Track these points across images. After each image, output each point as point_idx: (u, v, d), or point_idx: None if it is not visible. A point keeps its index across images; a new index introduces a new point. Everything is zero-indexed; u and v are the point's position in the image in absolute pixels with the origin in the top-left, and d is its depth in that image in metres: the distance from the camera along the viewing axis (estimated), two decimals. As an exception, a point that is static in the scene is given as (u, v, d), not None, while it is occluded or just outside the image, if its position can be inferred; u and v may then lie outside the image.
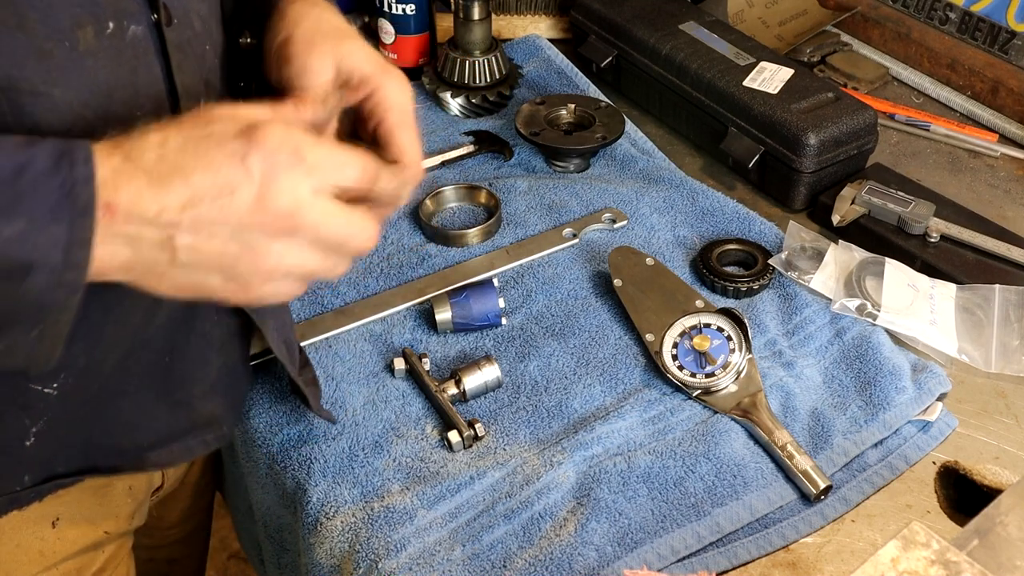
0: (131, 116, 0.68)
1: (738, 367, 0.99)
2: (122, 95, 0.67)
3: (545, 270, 1.14)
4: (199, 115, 0.61)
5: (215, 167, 0.59)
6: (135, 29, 0.66)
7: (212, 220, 0.59)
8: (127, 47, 0.66)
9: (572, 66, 1.48)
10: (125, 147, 0.59)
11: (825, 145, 1.21)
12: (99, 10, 0.64)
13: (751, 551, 0.87)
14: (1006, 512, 0.74)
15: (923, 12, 1.50)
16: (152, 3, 0.68)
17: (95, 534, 0.90)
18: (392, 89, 0.74)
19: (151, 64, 0.69)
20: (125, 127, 0.63)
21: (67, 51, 0.62)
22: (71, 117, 0.64)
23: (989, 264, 1.13)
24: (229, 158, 0.59)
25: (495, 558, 0.85)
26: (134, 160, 0.58)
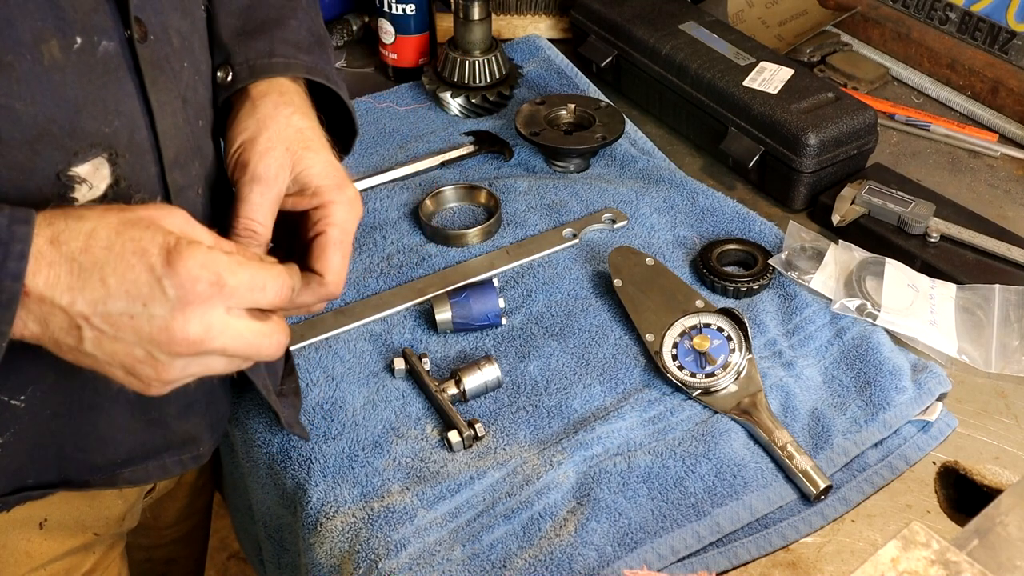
0: (101, 132, 0.68)
1: (738, 367, 0.99)
2: (92, 111, 0.67)
3: (545, 270, 1.14)
4: (136, 212, 0.63)
5: (132, 277, 0.61)
6: (107, 45, 0.66)
7: (119, 326, 0.61)
8: (98, 63, 0.66)
9: (572, 66, 1.48)
10: (57, 226, 0.60)
11: (825, 145, 1.21)
12: (64, 25, 0.63)
13: (751, 551, 0.87)
14: (1006, 512, 0.74)
15: (923, 12, 1.50)
16: (125, 19, 0.67)
17: (84, 536, 0.90)
18: (340, 208, 0.76)
19: (123, 80, 0.68)
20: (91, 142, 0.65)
21: (30, 65, 0.62)
22: (36, 131, 0.64)
23: (989, 264, 1.13)
24: (147, 273, 0.61)
25: (495, 558, 0.85)
26: (60, 245, 0.60)
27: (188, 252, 0.61)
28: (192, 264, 0.61)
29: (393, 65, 1.49)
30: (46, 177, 0.66)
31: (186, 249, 0.61)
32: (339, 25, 1.59)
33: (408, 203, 1.24)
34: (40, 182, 0.66)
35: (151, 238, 0.61)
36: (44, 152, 0.65)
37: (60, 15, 0.63)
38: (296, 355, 1.03)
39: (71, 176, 0.67)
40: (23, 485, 0.80)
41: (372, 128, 1.38)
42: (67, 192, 0.67)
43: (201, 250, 0.62)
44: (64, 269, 0.60)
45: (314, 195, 0.76)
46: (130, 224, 0.62)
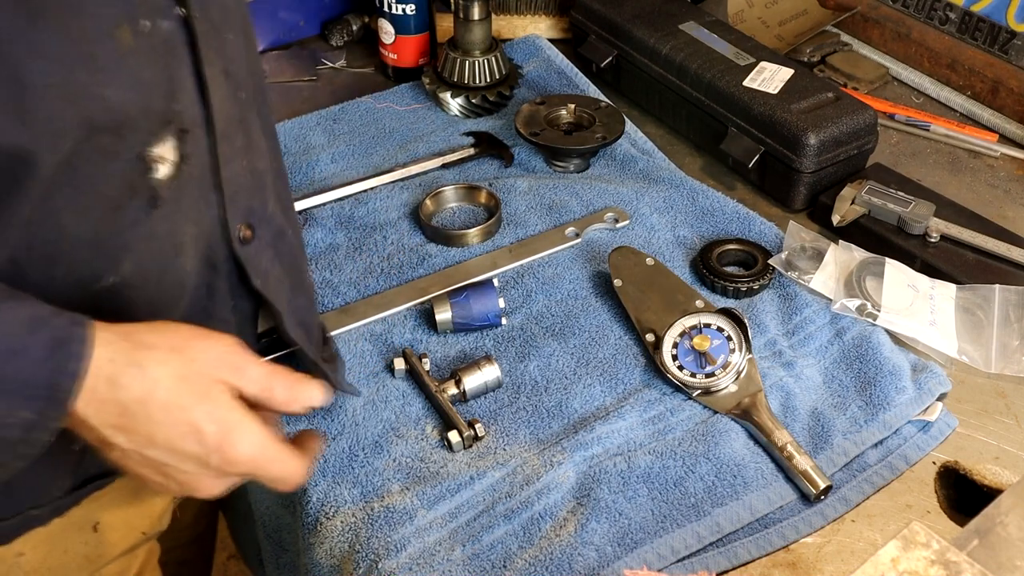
0: (172, 111, 0.70)
1: (738, 367, 0.99)
2: (161, 91, 0.69)
3: (545, 270, 1.14)
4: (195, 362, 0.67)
5: (181, 445, 0.66)
6: (166, 25, 0.68)
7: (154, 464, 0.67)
8: (161, 43, 0.68)
9: (572, 66, 1.48)
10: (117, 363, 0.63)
11: (825, 145, 1.21)
12: (132, 9, 0.65)
13: (751, 551, 0.87)
14: (1006, 512, 0.74)
15: (923, 12, 1.50)
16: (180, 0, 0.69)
17: (133, 536, 0.91)
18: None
19: (182, 58, 0.70)
20: (165, 121, 0.68)
21: (111, 52, 0.64)
22: (121, 116, 0.66)
23: (989, 264, 1.13)
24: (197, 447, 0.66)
25: (495, 558, 0.85)
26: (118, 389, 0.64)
27: (240, 439, 0.67)
28: (240, 451, 0.67)
29: (393, 65, 1.49)
30: (129, 160, 0.68)
31: (239, 436, 0.67)
32: (339, 25, 1.59)
33: (408, 203, 1.24)
34: (124, 165, 0.68)
35: (208, 414, 0.66)
36: (128, 135, 0.67)
37: (129, 1, 0.65)
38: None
39: (152, 155, 0.69)
40: (88, 476, 0.82)
41: (372, 128, 1.38)
42: (148, 172, 0.69)
43: (252, 438, 0.67)
44: (116, 411, 0.64)
45: None
46: (189, 385, 0.66)
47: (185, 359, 0.66)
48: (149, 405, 0.64)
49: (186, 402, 0.65)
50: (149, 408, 0.64)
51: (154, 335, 0.66)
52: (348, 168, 1.31)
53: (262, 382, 0.69)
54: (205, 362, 0.67)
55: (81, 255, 0.69)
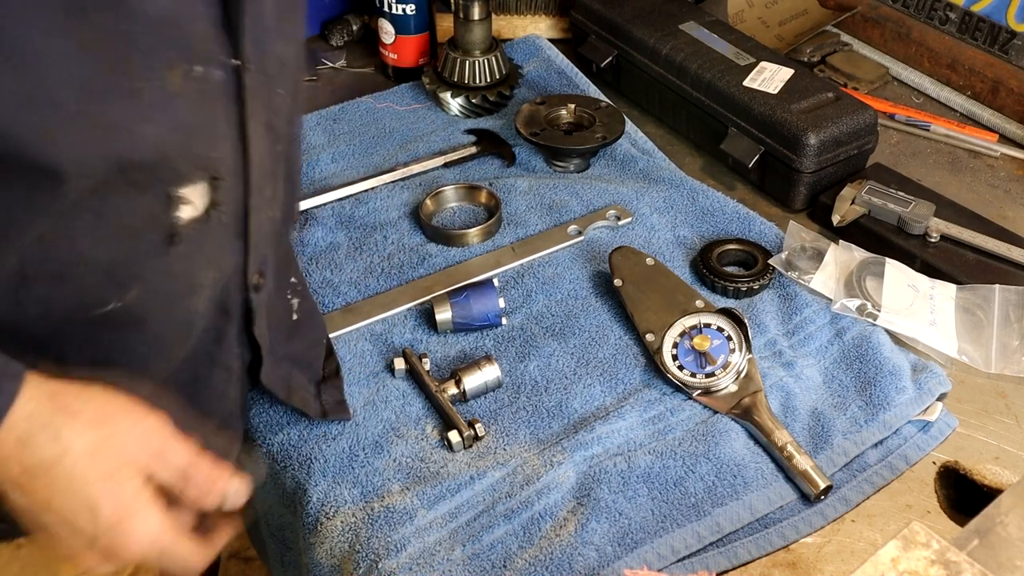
0: (208, 157, 0.70)
1: (738, 367, 0.99)
2: (202, 136, 0.69)
3: (545, 270, 1.14)
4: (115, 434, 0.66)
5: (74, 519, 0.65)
6: (218, 73, 0.68)
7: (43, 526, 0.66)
8: (209, 90, 0.68)
9: (572, 66, 1.48)
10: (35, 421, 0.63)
11: (825, 145, 1.21)
12: (190, 54, 0.66)
13: (751, 551, 0.87)
14: (1006, 512, 0.74)
15: (923, 12, 1.50)
16: (234, 50, 0.69)
17: None
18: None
19: (228, 108, 0.71)
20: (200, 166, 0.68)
21: (157, 91, 0.64)
22: (158, 154, 0.66)
23: (989, 264, 1.13)
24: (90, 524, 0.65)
25: (495, 558, 0.85)
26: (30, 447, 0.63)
27: (134, 528, 0.66)
28: (131, 540, 0.66)
29: (393, 65, 1.49)
30: (157, 196, 0.68)
31: (134, 526, 0.66)
32: (339, 25, 1.59)
33: (408, 203, 1.24)
34: (151, 201, 0.68)
35: (108, 495, 0.65)
36: (161, 174, 0.67)
37: (187, 44, 0.65)
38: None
39: (179, 196, 0.69)
40: None
41: (372, 128, 1.38)
42: (172, 211, 0.69)
43: (148, 528, 0.66)
44: (18, 469, 0.63)
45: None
46: (99, 461, 0.64)
47: (104, 434, 0.65)
48: (53, 472, 0.63)
49: (91, 477, 0.64)
50: (52, 475, 0.63)
51: (82, 401, 0.65)
52: (348, 168, 1.31)
53: (179, 472, 0.69)
54: (124, 440, 0.66)
55: (90, 278, 0.69)
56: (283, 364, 0.92)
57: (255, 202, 0.77)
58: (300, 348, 0.96)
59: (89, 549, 0.66)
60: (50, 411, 0.63)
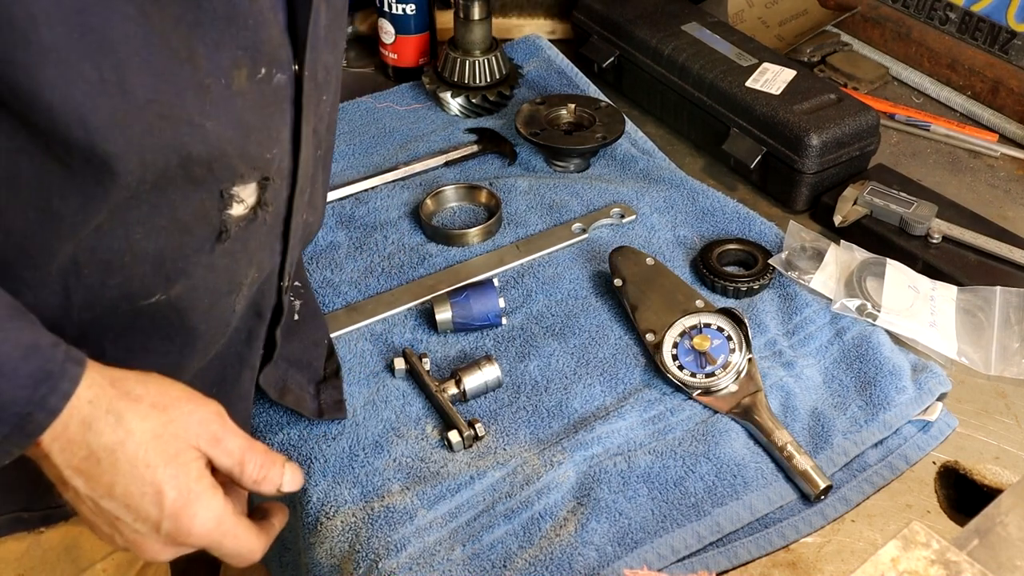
0: (263, 157, 0.71)
1: (738, 367, 0.99)
2: (258, 137, 0.70)
3: (545, 270, 1.14)
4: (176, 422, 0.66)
5: (138, 503, 0.65)
6: (280, 77, 0.69)
7: (105, 515, 0.66)
8: (270, 92, 0.69)
9: (572, 66, 1.48)
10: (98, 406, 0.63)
11: (827, 146, 1.21)
12: (258, 55, 0.66)
13: (751, 551, 0.87)
14: (1006, 512, 0.74)
15: (923, 12, 1.50)
16: (299, 56, 0.70)
17: None
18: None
19: (285, 111, 0.72)
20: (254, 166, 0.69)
21: (222, 88, 0.65)
22: (217, 151, 0.67)
23: (991, 265, 1.13)
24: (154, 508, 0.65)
25: (495, 558, 0.85)
26: (92, 433, 0.63)
27: (198, 512, 0.66)
28: (196, 524, 0.66)
29: (393, 65, 1.49)
30: (211, 193, 0.69)
31: (197, 509, 0.66)
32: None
33: (409, 203, 1.24)
34: (205, 196, 0.69)
35: (173, 478, 0.65)
36: (217, 171, 0.68)
37: (257, 46, 0.66)
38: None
39: (232, 194, 0.70)
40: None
41: (372, 128, 1.38)
42: (224, 208, 0.70)
43: (211, 513, 0.66)
44: (82, 454, 0.63)
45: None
46: (162, 445, 0.65)
47: (165, 418, 0.65)
48: (117, 455, 0.63)
49: (154, 461, 0.64)
50: (116, 458, 0.63)
51: (142, 387, 0.65)
52: (348, 168, 1.31)
53: (236, 456, 0.69)
54: (184, 425, 0.66)
55: (139, 270, 0.69)
56: (280, 364, 0.92)
57: (298, 204, 0.78)
58: (298, 348, 0.96)
59: (153, 535, 0.66)
60: (112, 396, 0.63)
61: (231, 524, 0.69)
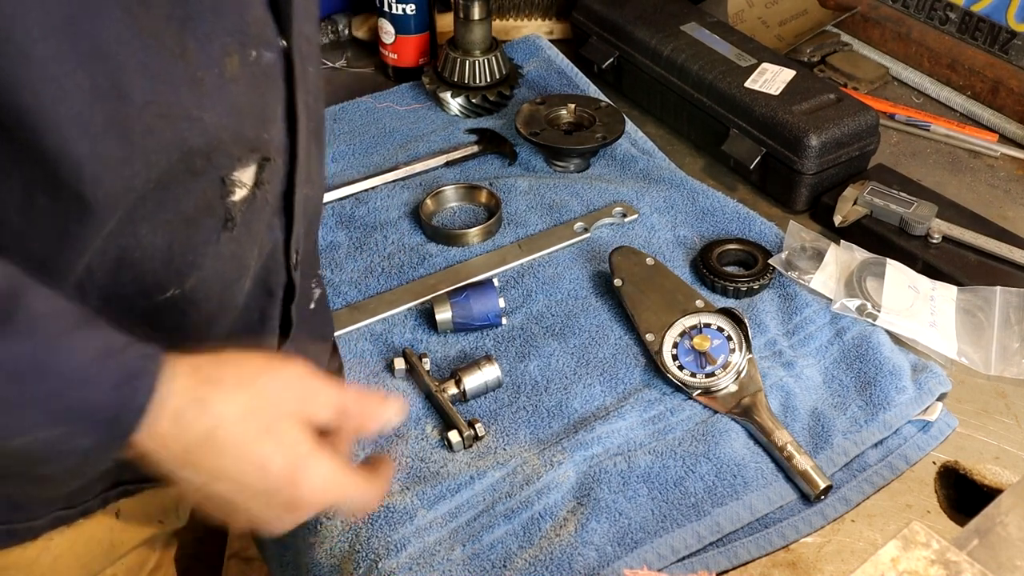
0: (260, 139, 0.70)
1: (738, 367, 0.99)
2: (253, 119, 0.69)
3: (545, 270, 1.14)
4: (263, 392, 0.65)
5: (250, 481, 0.64)
6: (269, 56, 0.69)
7: (218, 497, 0.66)
8: (261, 73, 0.69)
9: (572, 66, 1.48)
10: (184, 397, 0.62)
11: (827, 147, 1.21)
12: (246, 38, 0.66)
13: (751, 551, 0.87)
14: (1006, 512, 0.74)
15: (923, 12, 1.50)
16: (284, 32, 0.70)
17: (151, 526, 0.91)
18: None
19: (278, 89, 0.71)
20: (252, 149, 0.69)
21: (216, 78, 0.64)
22: (216, 141, 0.66)
23: (991, 266, 1.13)
24: (265, 482, 0.64)
25: (495, 558, 0.85)
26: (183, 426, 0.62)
27: (309, 474, 0.65)
28: (310, 487, 0.65)
29: (393, 65, 1.49)
30: (212, 181, 0.69)
31: (308, 471, 0.65)
32: (326, 23, 1.59)
33: (409, 203, 1.24)
34: (206, 184, 0.68)
35: (275, 450, 0.64)
36: (216, 159, 0.68)
37: (244, 30, 0.66)
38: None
39: (233, 180, 0.70)
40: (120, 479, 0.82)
41: (372, 128, 1.38)
42: (226, 195, 0.70)
43: (322, 472, 0.66)
44: (180, 448, 0.63)
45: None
46: (255, 421, 0.64)
47: (252, 393, 0.65)
48: (213, 442, 0.63)
49: (251, 438, 0.64)
50: (213, 445, 0.63)
51: (223, 369, 0.65)
52: (348, 168, 1.31)
53: (332, 410, 0.68)
54: (273, 395, 0.65)
55: (150, 266, 0.69)
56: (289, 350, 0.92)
57: (298, 179, 0.77)
58: (307, 338, 0.95)
59: (269, 508, 0.66)
60: (195, 385, 0.63)
61: (342, 479, 0.68)
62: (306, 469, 0.65)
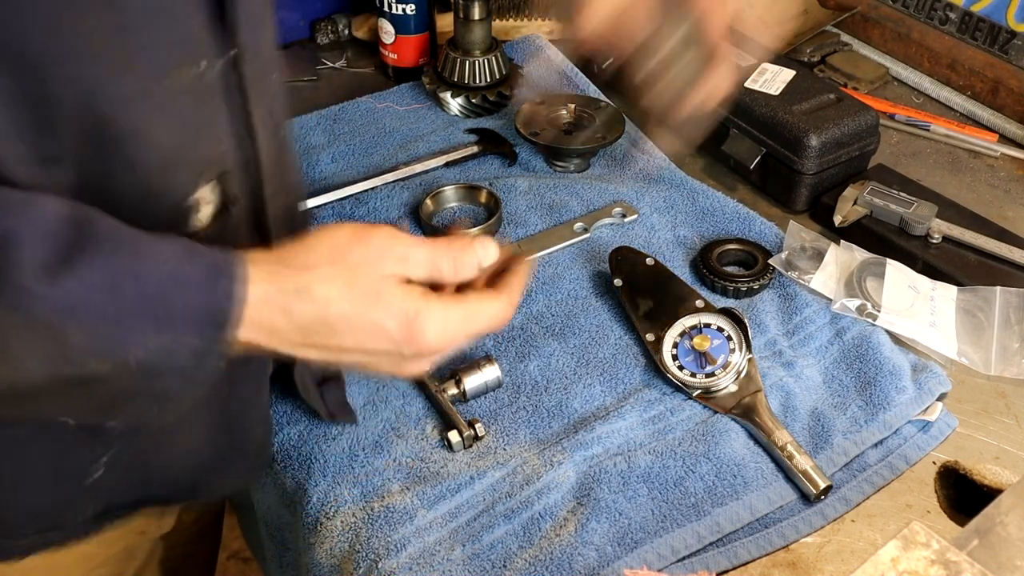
0: (216, 152, 0.70)
1: (738, 367, 0.99)
2: (208, 133, 0.69)
3: (545, 270, 1.14)
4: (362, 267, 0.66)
5: (371, 346, 0.67)
6: (219, 66, 0.68)
7: (350, 360, 0.69)
8: (211, 85, 0.68)
9: (572, 66, 1.48)
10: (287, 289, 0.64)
11: (827, 147, 1.21)
12: (193, 50, 0.65)
13: (751, 551, 0.87)
14: (1006, 512, 0.74)
15: (923, 12, 1.50)
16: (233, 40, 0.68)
17: (129, 537, 0.91)
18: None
19: (231, 100, 0.70)
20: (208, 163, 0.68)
21: (164, 90, 0.64)
22: (166, 156, 0.66)
23: (991, 266, 1.13)
24: (386, 343, 0.67)
25: (495, 558, 0.85)
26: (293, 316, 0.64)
27: (425, 325, 0.67)
28: (429, 335, 0.67)
29: (393, 65, 1.49)
30: (172, 202, 0.68)
31: (423, 323, 0.67)
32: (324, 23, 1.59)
33: (408, 203, 1.24)
34: (168, 205, 0.68)
35: (386, 312, 0.66)
36: (172, 177, 0.67)
37: (189, 40, 0.65)
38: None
39: (196, 199, 0.69)
40: (111, 505, 0.81)
41: (372, 128, 1.38)
42: (189, 215, 0.69)
43: (435, 318, 0.67)
44: (298, 336, 0.65)
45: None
46: (359, 291, 0.66)
47: (347, 268, 0.66)
48: (327, 323, 0.65)
49: (361, 309, 0.65)
50: (328, 325, 0.65)
51: (311, 254, 0.66)
52: (348, 168, 1.31)
53: (426, 265, 0.69)
54: (368, 266, 0.67)
55: None
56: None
57: (269, 191, 0.77)
58: None
59: (402, 360, 0.69)
60: (290, 275, 0.64)
61: (461, 313, 0.69)
62: (422, 322, 0.67)
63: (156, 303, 0.59)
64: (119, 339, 0.58)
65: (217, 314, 0.61)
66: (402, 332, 0.66)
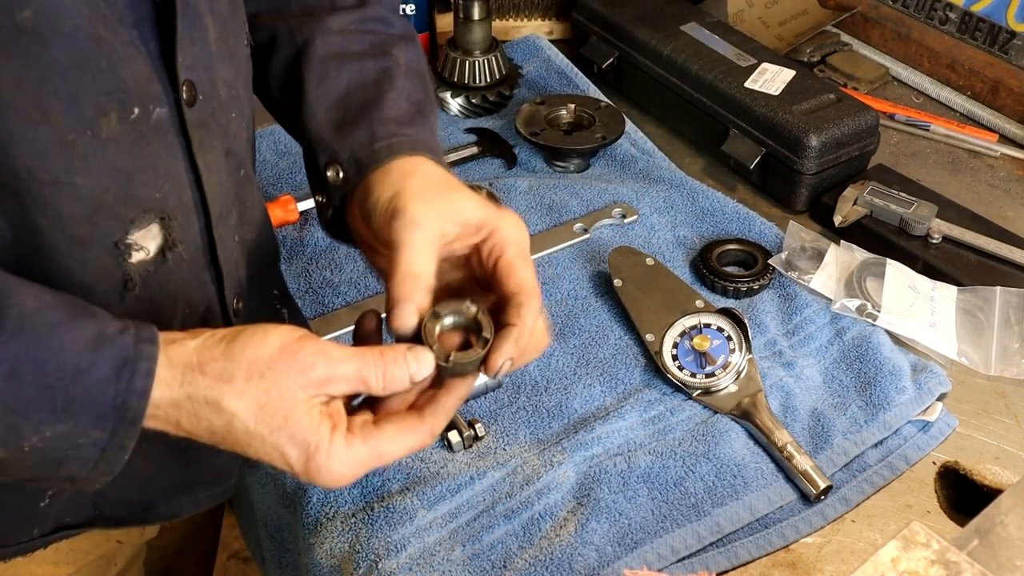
0: (153, 198, 0.68)
1: (738, 367, 0.99)
2: (144, 178, 0.67)
3: (545, 270, 1.14)
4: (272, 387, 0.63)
5: (273, 463, 0.65)
6: (159, 112, 0.66)
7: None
8: (150, 130, 0.66)
9: (572, 66, 1.48)
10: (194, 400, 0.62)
11: (827, 147, 1.21)
12: (125, 97, 0.63)
13: (751, 551, 0.87)
14: (1006, 512, 0.74)
15: (923, 12, 1.50)
16: (175, 83, 0.66)
17: (107, 545, 0.90)
18: (508, 228, 0.73)
19: (172, 144, 0.68)
20: (144, 208, 0.66)
21: (89, 139, 0.62)
22: (95, 204, 0.64)
23: (991, 266, 1.13)
24: (288, 468, 0.65)
25: (495, 558, 0.85)
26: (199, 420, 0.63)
27: (325, 461, 0.64)
28: (330, 469, 0.65)
29: (393, 65, 1.49)
30: (104, 247, 0.67)
31: (322, 459, 0.64)
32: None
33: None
34: (98, 252, 0.66)
35: (290, 440, 0.64)
36: (102, 224, 0.65)
37: (122, 87, 0.63)
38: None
39: (128, 244, 0.68)
40: (62, 524, 0.81)
41: (372, 128, 1.38)
42: (124, 260, 0.68)
43: (337, 455, 0.65)
44: (206, 435, 0.64)
45: (477, 229, 0.73)
46: (268, 413, 0.63)
47: (264, 386, 0.64)
48: (232, 435, 0.64)
49: (265, 430, 0.64)
50: (233, 437, 0.64)
51: (230, 363, 0.63)
52: (348, 168, 1.31)
53: (353, 380, 0.66)
54: (285, 386, 0.64)
55: None
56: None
57: (220, 232, 0.75)
58: None
59: (305, 478, 0.67)
60: (206, 385, 0.63)
61: (367, 452, 0.66)
62: (322, 458, 0.65)
63: (56, 393, 0.58)
64: (14, 426, 0.58)
65: (121, 408, 0.60)
66: (301, 463, 0.64)
